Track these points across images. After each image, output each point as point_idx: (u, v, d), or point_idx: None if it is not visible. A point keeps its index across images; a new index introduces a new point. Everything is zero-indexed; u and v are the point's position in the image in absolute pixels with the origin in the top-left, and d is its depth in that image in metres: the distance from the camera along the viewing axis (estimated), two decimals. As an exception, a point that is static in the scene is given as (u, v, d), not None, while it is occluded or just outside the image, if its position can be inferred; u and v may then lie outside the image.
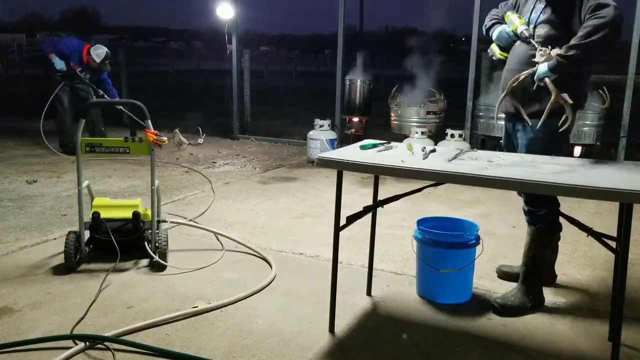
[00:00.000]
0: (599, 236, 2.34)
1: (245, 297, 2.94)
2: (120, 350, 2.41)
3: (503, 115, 3.04)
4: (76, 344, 2.43)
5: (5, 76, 13.68)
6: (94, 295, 2.91)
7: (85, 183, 3.38)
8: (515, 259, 3.60)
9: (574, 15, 2.66)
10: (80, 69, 6.87)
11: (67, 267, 3.25)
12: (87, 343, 2.42)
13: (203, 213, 4.51)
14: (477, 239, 2.97)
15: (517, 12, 2.94)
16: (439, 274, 2.89)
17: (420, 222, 3.05)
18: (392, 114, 7.22)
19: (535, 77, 2.68)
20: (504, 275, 3.31)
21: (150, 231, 3.40)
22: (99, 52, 6.83)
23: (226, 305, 2.84)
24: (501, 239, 4.00)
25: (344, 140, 7.32)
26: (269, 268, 3.38)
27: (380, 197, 2.82)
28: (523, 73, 2.72)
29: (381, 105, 7.61)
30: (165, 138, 3.34)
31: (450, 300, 2.94)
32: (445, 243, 2.90)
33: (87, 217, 3.37)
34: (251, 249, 3.68)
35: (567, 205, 4.34)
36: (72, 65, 6.83)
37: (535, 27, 2.79)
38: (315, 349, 2.47)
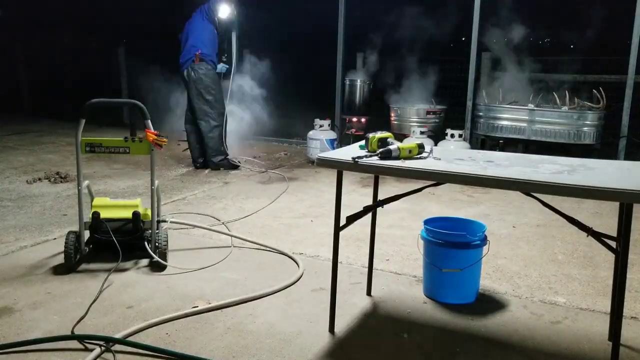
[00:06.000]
0: (599, 236, 2.34)
1: (261, 296, 2.95)
2: (121, 352, 2.41)
3: None
4: (84, 346, 2.43)
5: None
6: (93, 295, 2.91)
7: (85, 183, 3.38)
8: (515, 258, 3.60)
9: None
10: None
11: (67, 267, 3.25)
12: (102, 347, 2.40)
13: (207, 209, 4.51)
14: (484, 239, 2.96)
15: None
16: (443, 274, 2.90)
17: (428, 222, 3.06)
18: (392, 114, 7.23)
19: None
20: None
21: (150, 231, 3.40)
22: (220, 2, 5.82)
23: (227, 307, 2.84)
24: (501, 239, 4.00)
25: (344, 140, 7.32)
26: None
27: (380, 197, 2.81)
28: None
29: (381, 105, 7.60)
30: (165, 138, 3.34)
31: (455, 301, 2.95)
32: (453, 243, 2.90)
33: (87, 217, 3.37)
34: (279, 250, 3.68)
35: (567, 205, 4.34)
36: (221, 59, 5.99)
37: None
38: (315, 349, 2.47)
